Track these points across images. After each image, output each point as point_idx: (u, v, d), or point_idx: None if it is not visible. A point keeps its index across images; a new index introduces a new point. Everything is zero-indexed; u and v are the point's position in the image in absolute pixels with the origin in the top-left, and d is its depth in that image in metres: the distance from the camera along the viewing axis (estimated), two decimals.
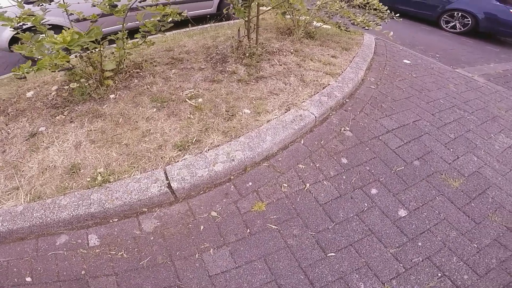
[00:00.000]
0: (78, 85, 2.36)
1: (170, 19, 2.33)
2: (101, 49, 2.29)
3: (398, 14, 3.68)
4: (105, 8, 2.22)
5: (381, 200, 1.93)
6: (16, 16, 2.07)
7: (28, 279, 1.48)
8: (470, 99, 3.27)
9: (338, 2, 3.80)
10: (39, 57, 1.92)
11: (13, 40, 3.46)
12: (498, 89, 3.74)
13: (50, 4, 2.27)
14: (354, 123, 2.51)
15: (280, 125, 2.22)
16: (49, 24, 2.42)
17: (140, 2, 2.29)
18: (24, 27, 2.27)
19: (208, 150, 2.00)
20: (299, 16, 3.80)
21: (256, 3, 2.90)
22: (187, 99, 2.37)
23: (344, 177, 2.05)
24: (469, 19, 6.05)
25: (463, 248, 1.72)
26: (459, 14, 6.17)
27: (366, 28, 3.45)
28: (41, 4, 2.27)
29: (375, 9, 3.64)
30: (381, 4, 3.68)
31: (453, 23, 6.36)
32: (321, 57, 3.37)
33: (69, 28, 2.28)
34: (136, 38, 2.53)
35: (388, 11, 3.66)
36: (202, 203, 1.82)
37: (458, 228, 1.83)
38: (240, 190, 1.91)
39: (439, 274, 1.59)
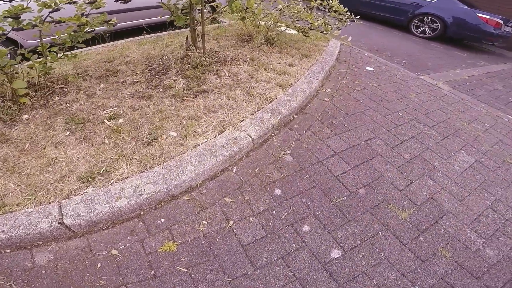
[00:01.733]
0: None
1: (88, 28, 1.91)
2: (5, 68, 1.87)
3: (358, 16, 3.28)
4: (10, 23, 1.82)
5: (312, 239, 1.58)
6: None
7: None
8: (431, 110, 2.91)
9: (299, 5, 3.39)
10: None
11: None
12: (462, 97, 3.39)
13: None
14: (297, 144, 2.13)
15: (208, 152, 1.83)
16: None
17: (51, 12, 1.88)
18: None
19: (115, 182, 1.62)
20: (258, 21, 3.38)
21: (200, 9, 2.49)
22: (105, 120, 1.97)
23: (274, 212, 1.68)
24: (438, 24, 5.70)
25: None
26: (429, 19, 5.80)
27: (325, 32, 3.05)
28: None
29: (335, 11, 3.23)
30: (341, 6, 3.27)
31: (423, 28, 6.00)
32: (277, 65, 2.98)
33: None
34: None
35: (348, 13, 3.26)
36: (103, 239, 1.50)
37: (399, 269, 1.50)
38: (149, 227, 1.56)
39: None
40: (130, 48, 3.14)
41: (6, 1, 1.78)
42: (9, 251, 1.47)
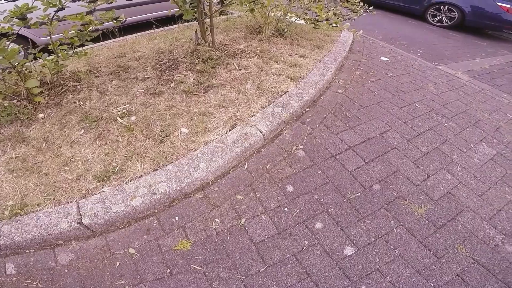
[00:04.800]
0: None
1: (92, 27, 1.88)
2: (18, 67, 1.89)
3: (372, 7, 3.10)
4: (17, 23, 1.81)
5: (325, 236, 1.54)
6: None
7: None
8: (450, 101, 2.75)
9: None
10: None
11: None
12: (483, 87, 3.19)
13: None
14: (310, 139, 2.06)
15: (220, 148, 1.80)
16: None
17: (56, 11, 1.86)
18: None
19: (130, 181, 1.62)
20: (268, 12, 3.26)
21: (208, 2, 2.41)
22: (118, 118, 1.95)
23: (286, 209, 1.64)
24: (456, 13, 5.38)
25: None
26: (446, 8, 5.48)
27: (334, 25, 2.90)
28: None
29: (347, 1, 3.05)
30: None
31: (440, 17, 5.67)
32: (288, 57, 2.87)
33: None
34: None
35: (361, 4, 3.07)
36: (120, 238, 1.52)
37: (414, 266, 1.45)
38: (164, 225, 1.56)
39: None
40: (141, 43, 3.11)
41: (10, 0, 1.76)
42: (33, 250, 1.50)
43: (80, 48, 2.16)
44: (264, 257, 1.45)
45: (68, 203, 1.56)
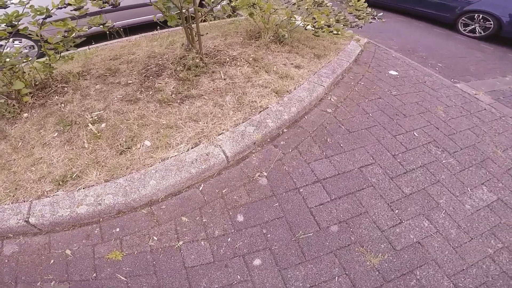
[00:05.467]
0: None
1: (74, 34, 1.93)
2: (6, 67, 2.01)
3: (381, 13, 2.77)
4: (8, 29, 1.92)
5: (260, 274, 1.45)
6: None
7: None
8: (459, 130, 2.40)
9: None
10: None
11: None
12: (506, 112, 2.73)
13: None
14: (277, 166, 1.93)
15: (175, 167, 1.76)
16: None
17: (44, 18, 1.94)
18: None
19: (83, 188, 1.67)
20: (268, 16, 3.08)
21: (193, 7, 2.33)
22: (89, 124, 2.00)
23: (229, 239, 1.57)
24: (491, 22, 4.70)
25: None
26: (480, 17, 4.80)
27: (335, 32, 2.65)
28: None
29: (350, 6, 2.75)
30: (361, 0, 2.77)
31: (473, 27, 5.00)
32: (281, 67, 2.71)
33: None
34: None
35: (369, 9, 2.76)
36: (61, 239, 1.63)
37: None
38: (104, 234, 1.62)
39: None
40: (141, 44, 3.15)
41: (1, 7, 1.86)
42: None
43: (67, 52, 2.23)
44: (191, 282, 1.42)
45: (23, 201, 1.69)
